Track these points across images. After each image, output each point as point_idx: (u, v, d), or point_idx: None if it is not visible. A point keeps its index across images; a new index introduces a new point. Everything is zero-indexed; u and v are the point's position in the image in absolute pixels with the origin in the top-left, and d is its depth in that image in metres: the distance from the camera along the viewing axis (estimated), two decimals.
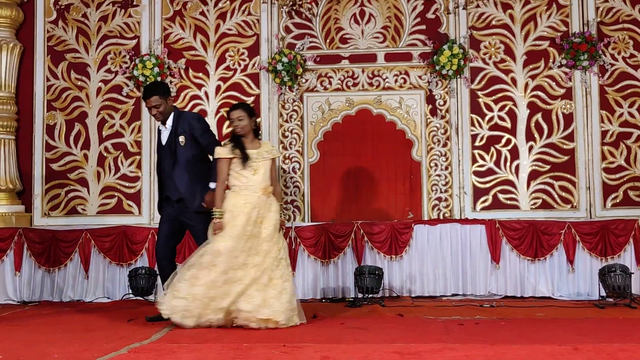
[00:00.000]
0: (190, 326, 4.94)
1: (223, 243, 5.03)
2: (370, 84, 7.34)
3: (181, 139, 5.56)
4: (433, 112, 7.26)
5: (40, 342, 4.51)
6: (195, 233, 5.59)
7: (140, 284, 6.74)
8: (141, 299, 6.76)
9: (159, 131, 5.75)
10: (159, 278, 6.84)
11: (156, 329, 4.96)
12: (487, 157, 7.18)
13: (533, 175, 7.13)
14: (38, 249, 6.97)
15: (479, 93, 7.26)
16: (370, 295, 6.50)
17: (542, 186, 7.12)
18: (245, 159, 5.20)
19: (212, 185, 5.41)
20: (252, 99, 7.35)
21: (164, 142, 5.67)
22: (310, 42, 7.40)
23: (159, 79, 7.25)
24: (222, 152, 5.27)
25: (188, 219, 5.57)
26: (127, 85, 7.43)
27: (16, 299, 6.93)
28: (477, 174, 7.20)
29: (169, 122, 5.62)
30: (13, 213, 7.25)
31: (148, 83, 6.27)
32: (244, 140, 5.29)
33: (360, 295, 6.52)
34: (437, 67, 7.15)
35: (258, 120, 5.80)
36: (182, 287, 5.01)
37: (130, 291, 6.80)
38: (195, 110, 7.36)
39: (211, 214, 5.16)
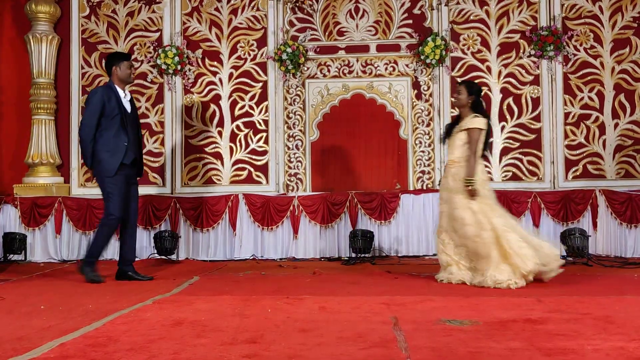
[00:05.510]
0: None
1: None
2: (364, 72, 7.27)
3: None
4: (418, 96, 7.21)
5: (77, 294, 4.53)
6: None
7: (165, 245, 6.75)
8: (165, 257, 6.77)
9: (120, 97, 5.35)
10: (180, 240, 6.89)
11: (177, 283, 4.97)
12: None
13: (504, 151, 7.10)
14: (75, 214, 6.98)
15: (458, 79, 7.18)
16: (363, 255, 6.52)
17: (512, 160, 7.09)
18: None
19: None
20: (260, 85, 7.30)
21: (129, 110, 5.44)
22: (311, 34, 7.32)
23: (179, 67, 7.21)
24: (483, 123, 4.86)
25: None
26: (152, 73, 7.36)
27: (57, 258, 6.96)
28: None
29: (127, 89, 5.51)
30: (54, 184, 7.24)
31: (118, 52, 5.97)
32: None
33: (354, 255, 6.53)
34: (422, 57, 7.08)
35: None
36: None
37: (155, 251, 6.81)
38: (211, 94, 7.31)
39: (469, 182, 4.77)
